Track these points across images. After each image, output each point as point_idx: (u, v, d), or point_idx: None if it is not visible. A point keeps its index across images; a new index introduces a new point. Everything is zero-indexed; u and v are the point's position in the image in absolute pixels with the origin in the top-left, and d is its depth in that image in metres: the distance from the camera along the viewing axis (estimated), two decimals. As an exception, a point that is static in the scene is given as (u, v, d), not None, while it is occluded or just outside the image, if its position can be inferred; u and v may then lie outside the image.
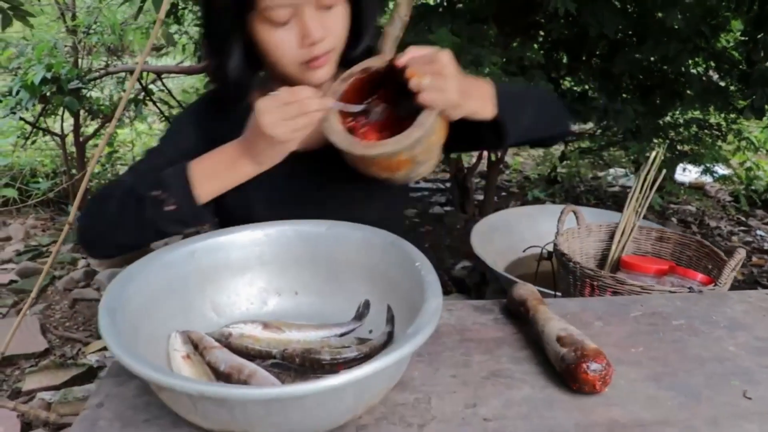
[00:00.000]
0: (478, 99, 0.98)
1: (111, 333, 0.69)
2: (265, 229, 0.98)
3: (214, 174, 0.96)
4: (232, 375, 0.78)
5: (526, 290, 0.99)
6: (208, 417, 0.66)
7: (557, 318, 0.90)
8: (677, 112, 3.82)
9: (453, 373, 0.86)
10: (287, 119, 0.89)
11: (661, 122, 3.62)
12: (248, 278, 0.97)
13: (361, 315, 0.93)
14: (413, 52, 0.92)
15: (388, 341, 0.86)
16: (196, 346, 0.84)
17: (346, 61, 1.06)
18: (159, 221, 0.94)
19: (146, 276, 0.85)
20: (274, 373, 0.79)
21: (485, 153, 3.98)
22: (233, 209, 1.06)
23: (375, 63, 0.98)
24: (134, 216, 0.95)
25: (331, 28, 0.99)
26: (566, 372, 0.81)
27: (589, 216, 1.72)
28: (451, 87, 0.90)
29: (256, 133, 0.91)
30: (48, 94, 3.57)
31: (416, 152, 0.94)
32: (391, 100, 1.02)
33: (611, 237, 1.63)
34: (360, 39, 1.07)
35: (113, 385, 0.82)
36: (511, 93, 1.04)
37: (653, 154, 1.55)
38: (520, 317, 0.99)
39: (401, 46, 2.04)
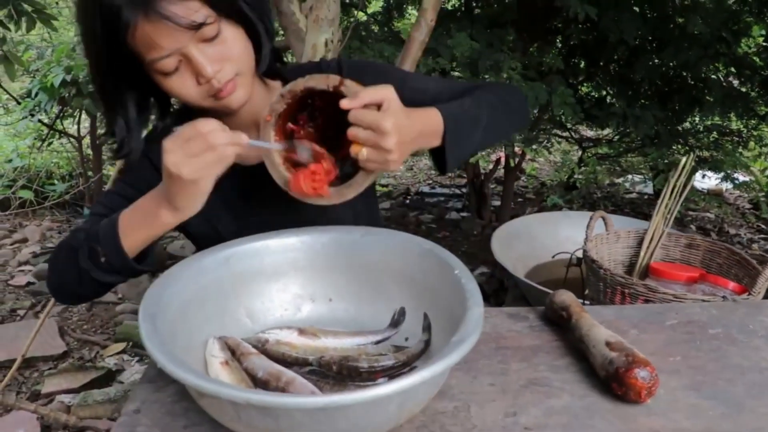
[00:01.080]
0: (426, 138, 0.95)
1: (153, 340, 0.69)
2: (299, 236, 0.97)
3: (136, 226, 0.92)
4: (270, 382, 0.77)
5: (568, 296, 0.98)
6: (251, 424, 0.65)
7: (601, 325, 0.89)
8: (697, 118, 3.80)
9: (491, 381, 0.85)
10: (192, 156, 0.82)
11: (680, 128, 3.59)
12: (282, 284, 0.97)
13: (396, 322, 0.92)
14: (359, 102, 0.85)
15: (425, 349, 0.85)
16: (233, 352, 0.83)
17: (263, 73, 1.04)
18: (92, 272, 0.92)
19: (183, 281, 0.85)
20: (312, 380, 0.78)
21: (502, 159, 3.97)
22: (201, 237, 1.03)
23: (319, 83, 0.91)
24: (74, 268, 0.93)
25: (225, 55, 0.93)
26: (613, 377, 0.80)
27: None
28: (391, 158, 0.86)
29: (166, 175, 0.84)
30: (67, 96, 3.59)
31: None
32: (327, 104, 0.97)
33: (639, 243, 1.61)
34: (261, 52, 1.01)
35: (150, 391, 0.81)
36: (460, 118, 0.99)
37: (684, 160, 1.53)
38: (559, 323, 0.99)
39: (424, 51, 2.04)
